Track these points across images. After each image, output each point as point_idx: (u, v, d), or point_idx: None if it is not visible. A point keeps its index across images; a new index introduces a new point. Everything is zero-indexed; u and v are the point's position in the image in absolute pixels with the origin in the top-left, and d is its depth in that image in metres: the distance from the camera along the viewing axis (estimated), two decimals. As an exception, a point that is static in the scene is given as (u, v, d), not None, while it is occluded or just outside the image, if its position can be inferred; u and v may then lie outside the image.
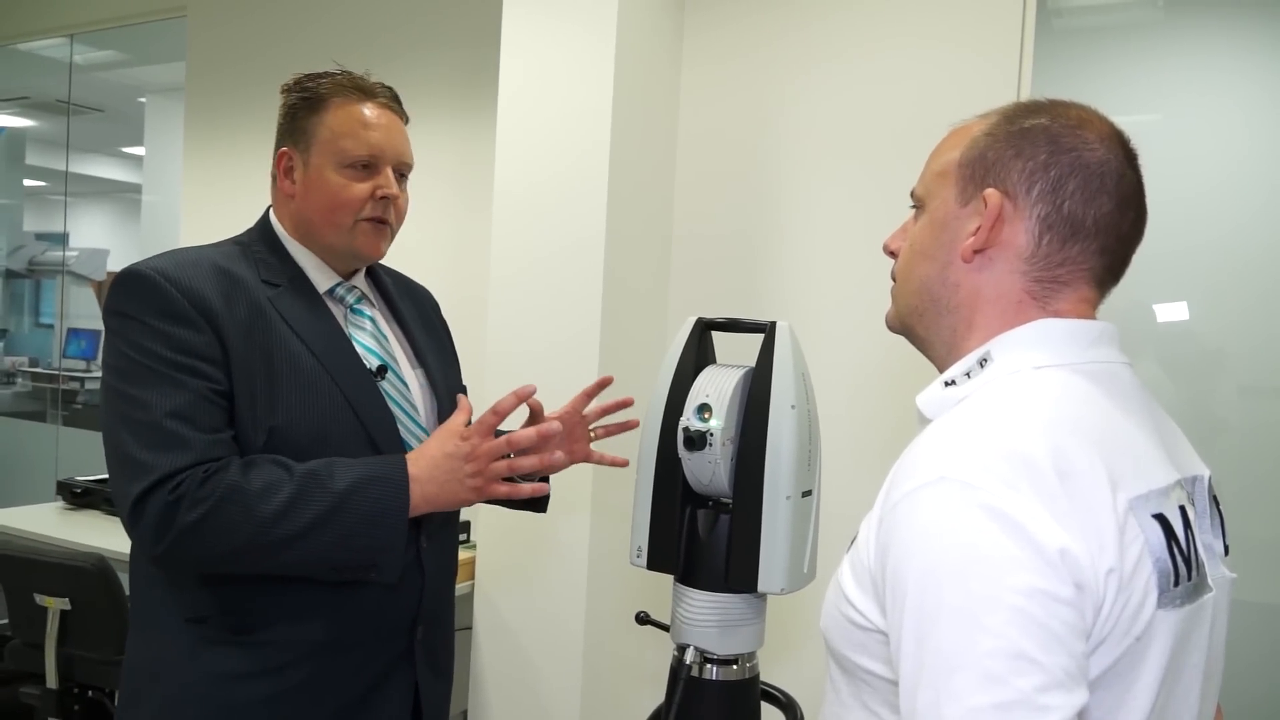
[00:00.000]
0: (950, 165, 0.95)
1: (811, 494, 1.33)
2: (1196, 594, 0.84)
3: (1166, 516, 0.82)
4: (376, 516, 1.28)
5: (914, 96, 2.49)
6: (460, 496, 1.33)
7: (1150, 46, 2.51)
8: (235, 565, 1.30)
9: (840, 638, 0.89)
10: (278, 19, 3.57)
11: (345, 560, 1.29)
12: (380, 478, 1.29)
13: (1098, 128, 0.91)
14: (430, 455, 1.33)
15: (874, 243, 2.45)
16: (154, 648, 1.38)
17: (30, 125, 6.64)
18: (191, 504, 1.23)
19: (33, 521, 3.11)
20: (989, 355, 0.90)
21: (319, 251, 1.45)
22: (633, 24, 2.49)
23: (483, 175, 2.79)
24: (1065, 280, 0.90)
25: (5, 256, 6.61)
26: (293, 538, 1.25)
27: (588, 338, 2.43)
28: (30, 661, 2.65)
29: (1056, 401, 0.84)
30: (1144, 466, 0.83)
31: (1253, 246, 2.35)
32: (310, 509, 1.25)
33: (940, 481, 0.77)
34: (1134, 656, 0.78)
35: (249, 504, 1.24)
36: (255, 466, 1.28)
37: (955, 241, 0.93)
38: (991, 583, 0.72)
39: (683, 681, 1.31)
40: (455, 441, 1.33)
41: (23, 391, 6.20)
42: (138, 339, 1.29)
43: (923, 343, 1.00)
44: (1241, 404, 2.40)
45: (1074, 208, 0.88)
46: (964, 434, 0.81)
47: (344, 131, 1.40)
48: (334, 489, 1.27)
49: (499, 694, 2.59)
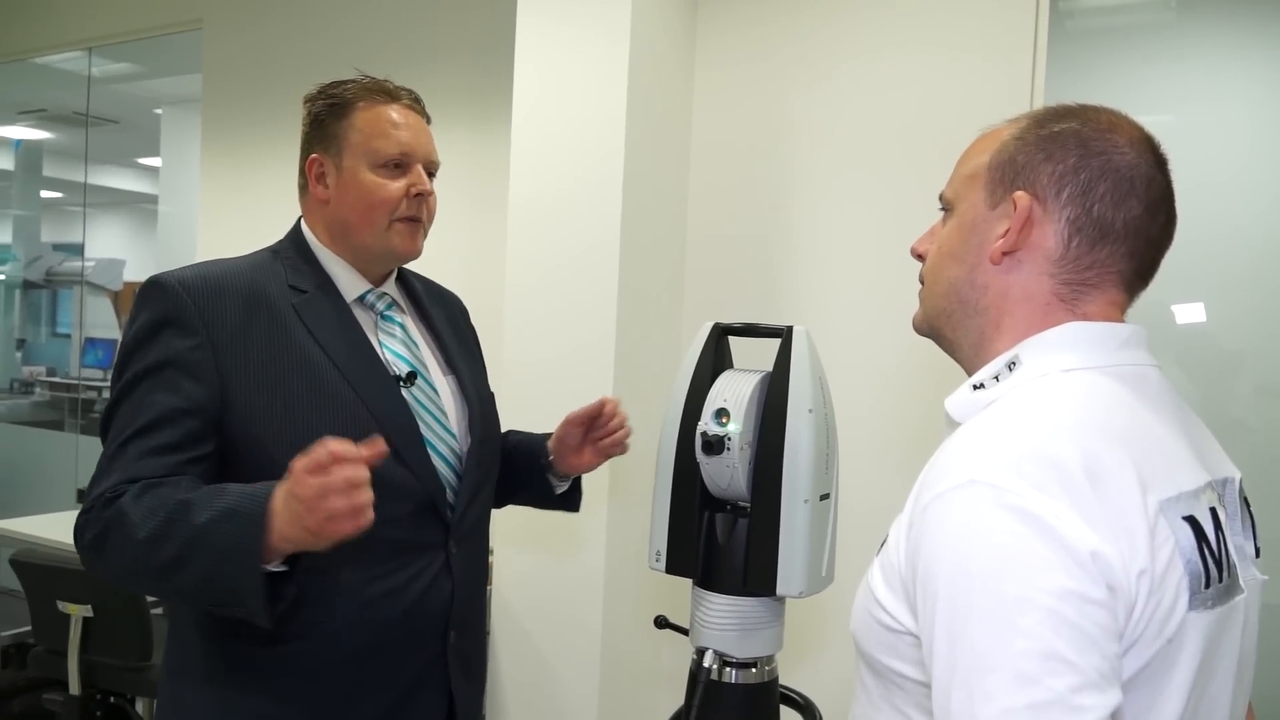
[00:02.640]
0: (980, 168, 0.95)
1: (829, 497, 1.33)
2: (1228, 596, 0.84)
3: (1197, 518, 0.82)
4: (229, 552, 1.14)
5: (926, 99, 2.49)
6: (322, 530, 1.11)
7: (1163, 48, 2.51)
8: (136, 588, 1.32)
9: (870, 640, 0.89)
10: (292, 29, 3.61)
11: (213, 599, 1.21)
12: (237, 511, 1.15)
13: (1128, 132, 0.91)
14: (281, 489, 1.14)
15: (888, 246, 2.49)
16: (190, 654, 1.39)
17: (48, 137, 6.69)
18: (91, 523, 1.24)
19: (54, 529, 3.14)
20: (1017, 358, 0.90)
21: (354, 256, 1.46)
22: (646, 30, 2.50)
23: (498, 182, 2.80)
24: (1094, 283, 0.91)
25: (23, 267, 6.66)
26: (163, 569, 1.19)
27: (604, 344, 2.44)
28: (53, 668, 2.68)
29: (1085, 404, 0.84)
30: (1173, 469, 0.84)
31: (1268, 247, 2.34)
32: (174, 541, 1.17)
33: (971, 484, 0.77)
34: (1166, 658, 0.78)
35: (127, 531, 1.20)
36: (154, 490, 1.22)
37: (984, 244, 0.94)
38: (1023, 584, 0.72)
39: (702, 684, 1.31)
40: (297, 473, 1.12)
41: (41, 401, 6.24)
42: (131, 344, 1.31)
43: (950, 345, 1.00)
44: (1259, 405, 2.39)
45: (1103, 211, 0.89)
46: (993, 437, 0.81)
47: (374, 132, 1.42)
48: (194, 522, 1.16)
49: (517, 697, 2.59)
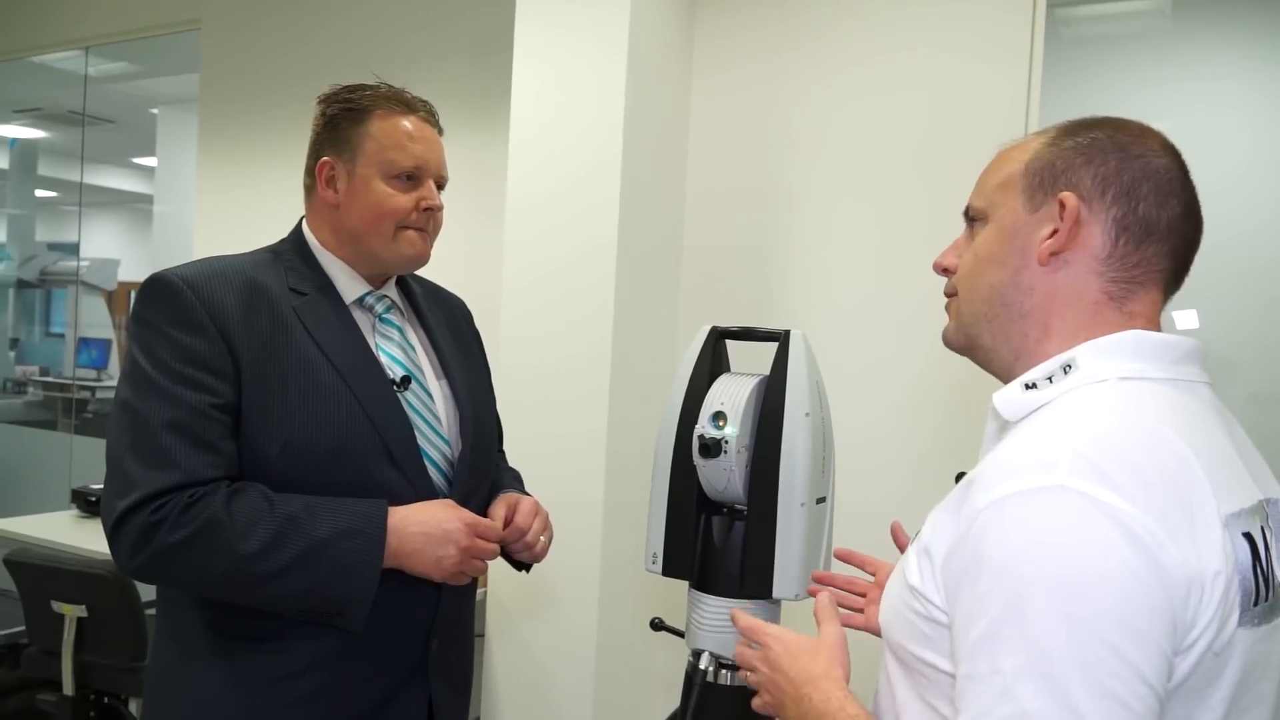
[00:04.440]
0: (1014, 175, 0.96)
1: (825, 500, 1.34)
2: (1272, 615, 0.84)
3: (1252, 535, 0.83)
4: (350, 569, 1.28)
5: (923, 105, 2.50)
6: (428, 570, 1.34)
7: (1158, 56, 2.52)
8: (206, 592, 1.32)
9: (904, 631, 0.89)
10: (290, 30, 3.61)
11: (314, 606, 1.31)
12: (358, 530, 1.29)
13: (1159, 139, 0.93)
14: (426, 521, 1.34)
15: (885, 250, 2.50)
16: (176, 653, 1.40)
17: (43, 136, 6.69)
18: (172, 527, 1.24)
19: (48, 529, 3.13)
20: (1074, 361, 0.90)
21: (359, 261, 1.47)
22: (644, 36, 2.50)
23: (495, 186, 2.80)
24: (1141, 281, 0.91)
25: (18, 266, 6.65)
26: (267, 577, 1.26)
27: (600, 349, 2.45)
28: (47, 668, 2.67)
29: (1158, 412, 0.84)
30: (1234, 484, 0.84)
31: (1261, 255, 2.35)
32: (287, 553, 1.26)
33: (1059, 490, 0.76)
34: (1212, 671, 0.79)
35: (228, 538, 1.24)
36: (239, 498, 1.28)
37: (1028, 247, 0.94)
38: (1099, 593, 0.73)
39: (698, 687, 1.32)
40: (460, 526, 1.35)
41: (34, 401, 6.23)
42: (149, 345, 1.31)
43: (987, 352, 0.99)
44: (1250, 412, 2.40)
45: (1148, 210, 0.90)
46: (1072, 439, 0.80)
47: (390, 143, 1.43)
48: (313, 536, 1.27)
49: (512, 700, 2.59)
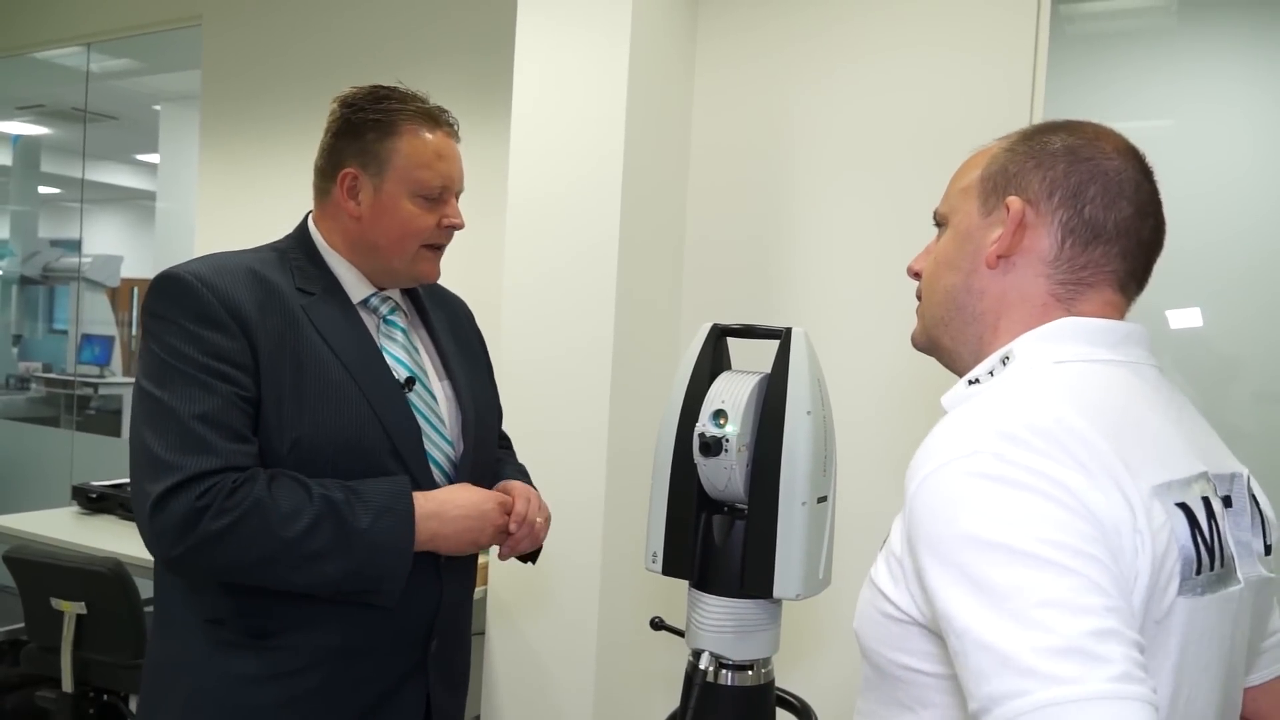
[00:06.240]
0: (973, 181, 0.98)
1: (827, 499, 1.33)
2: (1220, 585, 0.84)
3: (1189, 505, 0.82)
4: (387, 547, 1.33)
5: (926, 103, 2.49)
6: (461, 547, 1.44)
7: (1163, 53, 2.51)
8: (245, 577, 1.31)
9: (874, 635, 0.89)
10: (292, 27, 3.60)
11: (352, 586, 1.33)
12: (391, 509, 1.34)
13: (1114, 141, 0.95)
14: (464, 505, 1.42)
15: (888, 248, 2.49)
16: (173, 649, 1.40)
17: (46, 133, 6.69)
18: (218, 512, 1.24)
19: (48, 526, 3.12)
20: (1011, 353, 0.91)
21: (371, 269, 1.47)
22: (647, 31, 2.49)
23: (496, 182, 2.80)
24: (1089, 282, 0.92)
25: (20, 263, 6.65)
26: (308, 560, 1.28)
27: (601, 344, 2.44)
28: (46, 665, 2.67)
29: (1073, 389, 0.85)
30: (1164, 456, 0.84)
31: (1265, 252, 2.34)
32: (328, 536, 1.29)
33: (973, 455, 0.77)
34: (1155, 641, 0.78)
35: (274, 523, 1.26)
36: (279, 483, 1.29)
37: (979, 250, 0.96)
38: (1045, 528, 0.73)
39: (698, 687, 1.31)
40: (495, 507, 1.46)
41: (36, 397, 6.24)
42: (171, 341, 1.31)
43: (949, 354, 1.01)
44: (1256, 410, 2.39)
45: (1095, 212, 0.91)
46: (982, 415, 0.81)
47: (419, 162, 1.43)
48: (350, 519, 1.31)
49: (512, 699, 2.59)
